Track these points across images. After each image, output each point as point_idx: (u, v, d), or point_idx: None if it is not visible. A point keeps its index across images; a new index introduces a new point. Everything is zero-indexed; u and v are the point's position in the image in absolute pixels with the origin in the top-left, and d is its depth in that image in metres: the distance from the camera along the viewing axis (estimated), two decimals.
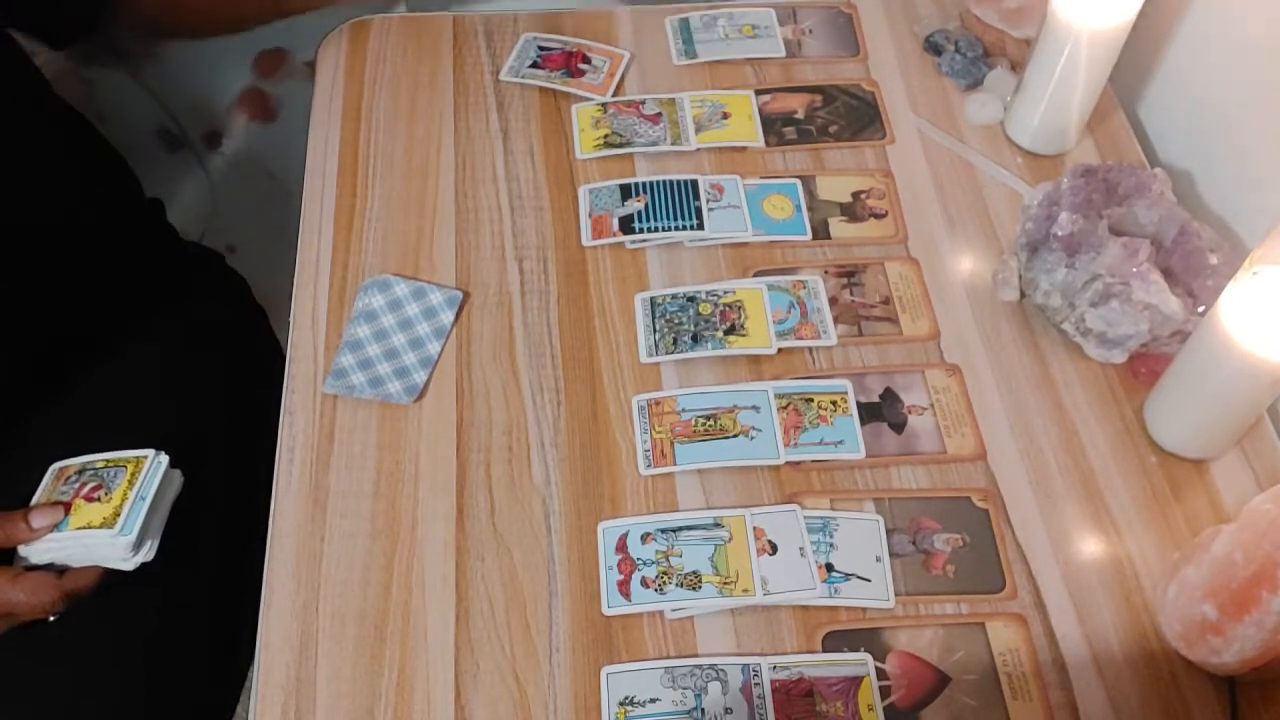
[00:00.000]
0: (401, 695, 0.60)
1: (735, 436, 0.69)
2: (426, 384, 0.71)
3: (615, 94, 0.86)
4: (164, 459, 0.66)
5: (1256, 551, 0.57)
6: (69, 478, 0.66)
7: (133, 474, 0.65)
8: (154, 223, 0.89)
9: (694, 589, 0.63)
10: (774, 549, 0.64)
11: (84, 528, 0.63)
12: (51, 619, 0.66)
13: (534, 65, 0.88)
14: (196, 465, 0.71)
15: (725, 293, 0.75)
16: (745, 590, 0.63)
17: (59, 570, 0.65)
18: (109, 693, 0.70)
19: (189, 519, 0.74)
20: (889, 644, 0.62)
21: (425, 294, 0.74)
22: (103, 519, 0.63)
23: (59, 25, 0.78)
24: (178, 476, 0.68)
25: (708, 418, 0.70)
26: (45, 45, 0.79)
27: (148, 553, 0.65)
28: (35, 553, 0.64)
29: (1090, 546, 0.66)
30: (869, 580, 0.64)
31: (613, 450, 0.69)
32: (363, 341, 0.71)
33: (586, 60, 0.89)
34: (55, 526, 0.64)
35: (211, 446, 0.79)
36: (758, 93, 0.87)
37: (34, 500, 0.66)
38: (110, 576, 0.66)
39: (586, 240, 0.78)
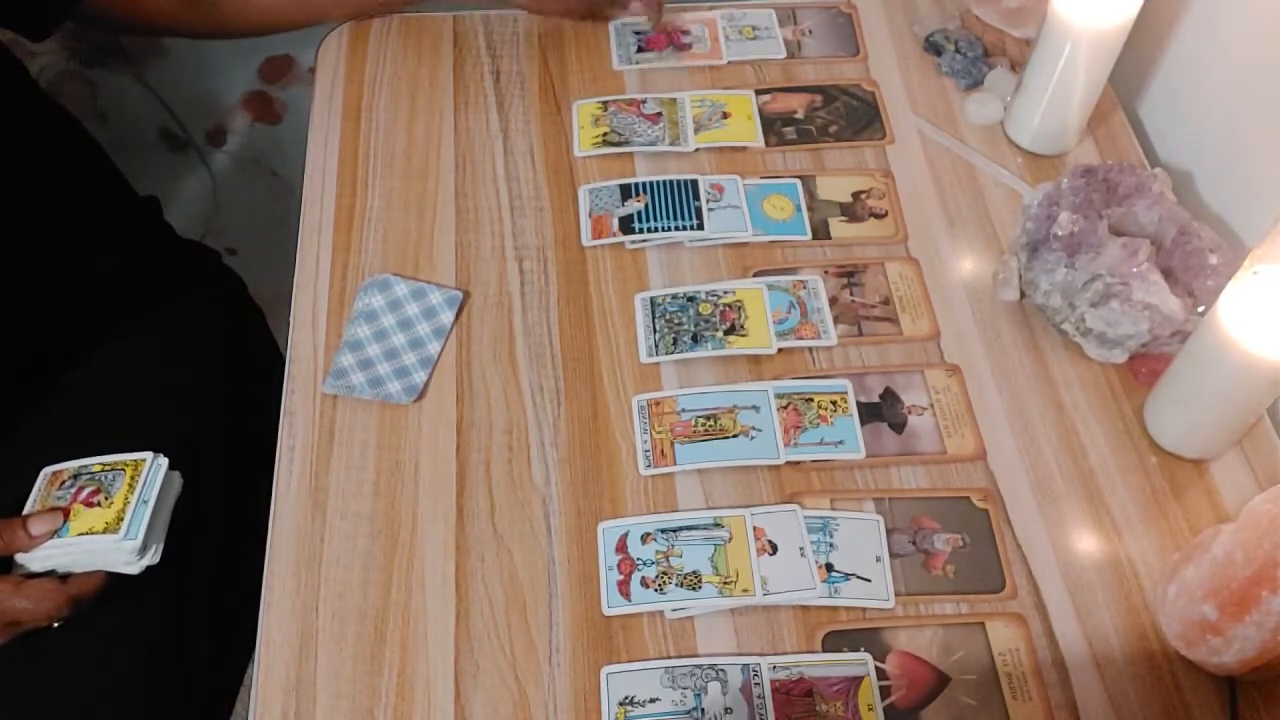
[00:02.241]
0: (401, 695, 0.60)
1: (735, 436, 0.69)
2: (426, 384, 0.71)
3: (727, 60, 0.90)
4: (163, 461, 0.66)
5: (1256, 551, 0.57)
6: (64, 483, 0.66)
7: (132, 477, 0.65)
8: (148, 220, 0.89)
9: (694, 589, 0.63)
10: (774, 549, 0.64)
11: (86, 533, 0.63)
12: (55, 625, 0.66)
13: (640, 50, 0.89)
14: (195, 465, 0.71)
15: (725, 293, 0.75)
16: (745, 590, 0.63)
17: (61, 576, 0.65)
18: (108, 693, 0.70)
19: (188, 520, 0.74)
20: (889, 644, 0.62)
21: (425, 294, 0.74)
22: (105, 524, 0.63)
23: (32, 11, 0.76)
24: (177, 478, 0.68)
25: (708, 418, 0.70)
26: (23, 36, 0.77)
27: (153, 556, 0.65)
28: (35, 560, 0.64)
29: (1090, 546, 0.66)
30: (869, 580, 0.64)
31: (613, 450, 0.69)
32: (363, 341, 0.71)
33: (686, 32, 0.91)
34: (55, 533, 0.63)
35: (210, 446, 0.79)
36: (758, 93, 0.87)
37: (28, 506, 0.65)
38: (113, 581, 0.66)
39: (586, 240, 0.78)
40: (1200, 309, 0.70)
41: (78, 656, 0.69)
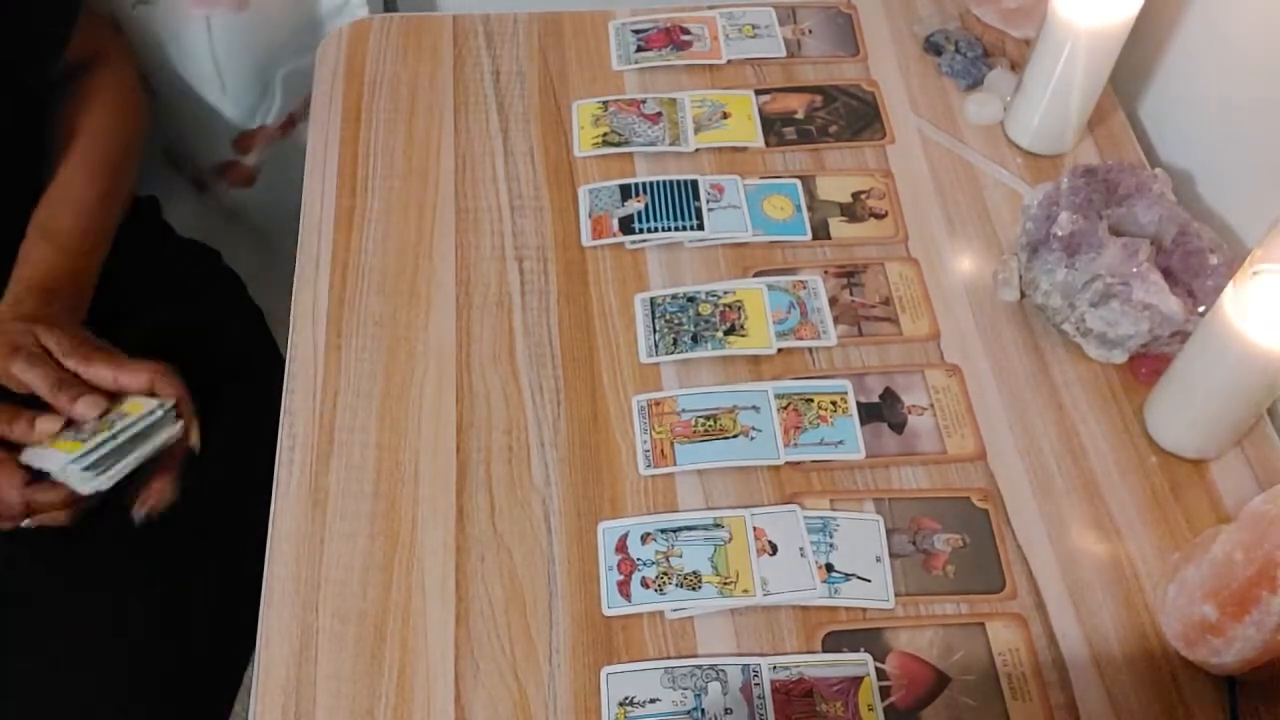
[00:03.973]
0: (401, 695, 0.60)
1: (735, 437, 0.69)
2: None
3: (727, 58, 0.89)
4: (160, 411, 0.69)
5: (1256, 551, 0.57)
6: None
7: (127, 414, 0.69)
8: (148, 220, 0.89)
9: (694, 589, 0.63)
10: (774, 549, 0.64)
11: (55, 447, 0.67)
12: (24, 525, 0.68)
13: (639, 49, 0.89)
14: (195, 465, 0.71)
15: (725, 293, 0.75)
16: (745, 590, 0.63)
17: (37, 477, 0.68)
18: (107, 693, 0.70)
19: (188, 520, 0.74)
20: (889, 644, 0.62)
21: None
22: (71, 446, 0.66)
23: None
24: (170, 425, 0.70)
25: (708, 418, 0.70)
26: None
27: (104, 481, 0.67)
28: (30, 456, 0.68)
29: (1090, 546, 0.66)
30: (869, 580, 0.64)
31: (613, 450, 0.69)
32: None
33: (685, 31, 0.91)
34: (53, 436, 0.67)
35: (210, 446, 0.79)
36: (758, 93, 0.87)
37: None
38: (85, 522, 0.69)
39: (586, 240, 0.78)
40: (1200, 309, 0.70)
41: (76, 656, 0.69)
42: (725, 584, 0.63)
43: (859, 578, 0.64)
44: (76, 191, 0.79)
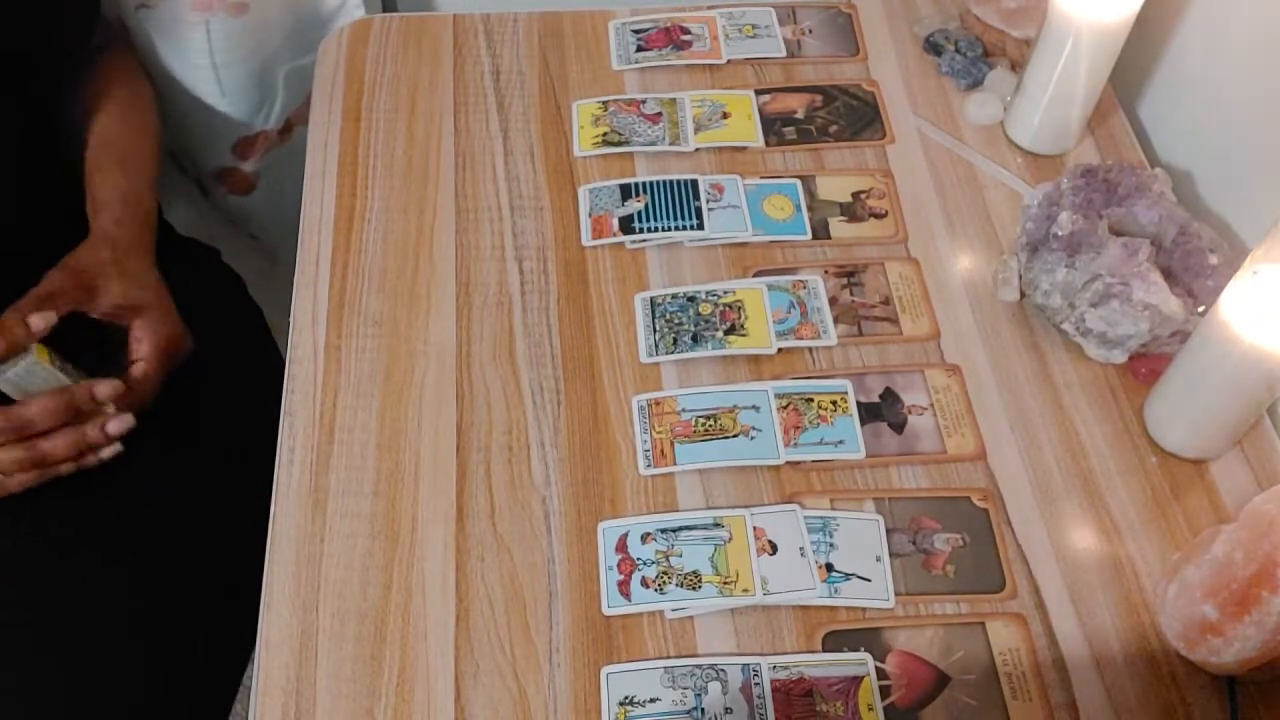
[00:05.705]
0: (401, 695, 0.60)
1: (735, 436, 0.69)
2: None
3: (727, 58, 0.89)
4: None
5: (1256, 551, 0.57)
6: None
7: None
8: None
9: (694, 589, 0.63)
10: (774, 549, 0.64)
11: None
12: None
13: (639, 49, 0.89)
14: (193, 463, 0.71)
15: (725, 293, 0.75)
16: (745, 590, 0.63)
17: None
18: (108, 693, 0.70)
19: (189, 519, 0.74)
20: (889, 644, 0.62)
21: None
22: None
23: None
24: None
25: (708, 418, 0.70)
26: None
27: None
28: None
29: (1090, 546, 0.66)
30: (869, 580, 0.64)
31: (613, 450, 0.69)
32: None
33: (685, 30, 0.91)
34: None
35: (209, 446, 0.79)
36: (758, 93, 0.87)
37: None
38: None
39: (586, 240, 0.78)
40: (1200, 309, 0.70)
41: (78, 660, 0.69)
42: (725, 584, 0.63)
43: (859, 577, 0.64)
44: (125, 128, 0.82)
